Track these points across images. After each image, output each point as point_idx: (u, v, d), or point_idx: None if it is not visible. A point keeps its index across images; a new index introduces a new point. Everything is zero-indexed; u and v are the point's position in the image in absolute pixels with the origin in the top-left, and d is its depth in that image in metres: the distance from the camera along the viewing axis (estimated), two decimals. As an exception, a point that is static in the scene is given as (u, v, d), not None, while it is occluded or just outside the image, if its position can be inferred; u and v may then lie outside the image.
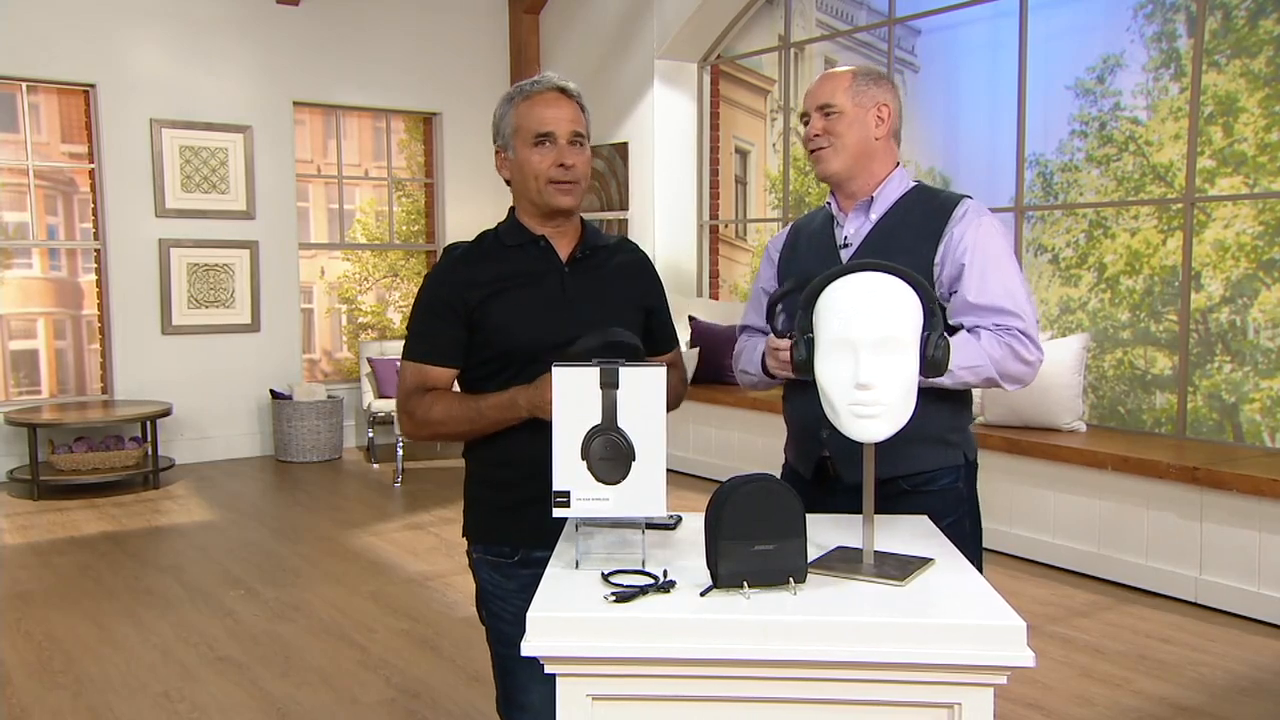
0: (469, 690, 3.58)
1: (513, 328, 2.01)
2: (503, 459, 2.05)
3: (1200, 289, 5.11)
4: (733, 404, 6.57)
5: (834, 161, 2.19)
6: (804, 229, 2.35)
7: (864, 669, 1.49)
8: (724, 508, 1.60)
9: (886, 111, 2.18)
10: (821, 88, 2.20)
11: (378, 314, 8.68)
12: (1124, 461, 4.66)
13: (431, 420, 2.02)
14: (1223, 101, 5.04)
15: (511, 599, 2.06)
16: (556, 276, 2.06)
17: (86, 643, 4.05)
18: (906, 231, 2.16)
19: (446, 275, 2.08)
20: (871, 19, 6.71)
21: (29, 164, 7.04)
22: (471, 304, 2.02)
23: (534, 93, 2.04)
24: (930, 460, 2.14)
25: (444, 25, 8.39)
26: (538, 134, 2.01)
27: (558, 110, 2.03)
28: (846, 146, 2.17)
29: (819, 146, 2.19)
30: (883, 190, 2.20)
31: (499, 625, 2.10)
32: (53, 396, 7.29)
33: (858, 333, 1.67)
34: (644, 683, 1.52)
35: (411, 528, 5.77)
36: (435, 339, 2.05)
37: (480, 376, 2.06)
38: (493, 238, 2.12)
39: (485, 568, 2.12)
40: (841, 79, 2.19)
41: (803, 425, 2.23)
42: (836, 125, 2.17)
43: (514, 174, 2.07)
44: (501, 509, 2.08)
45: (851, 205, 2.23)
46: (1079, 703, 3.48)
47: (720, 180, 7.89)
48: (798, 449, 2.29)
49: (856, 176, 2.20)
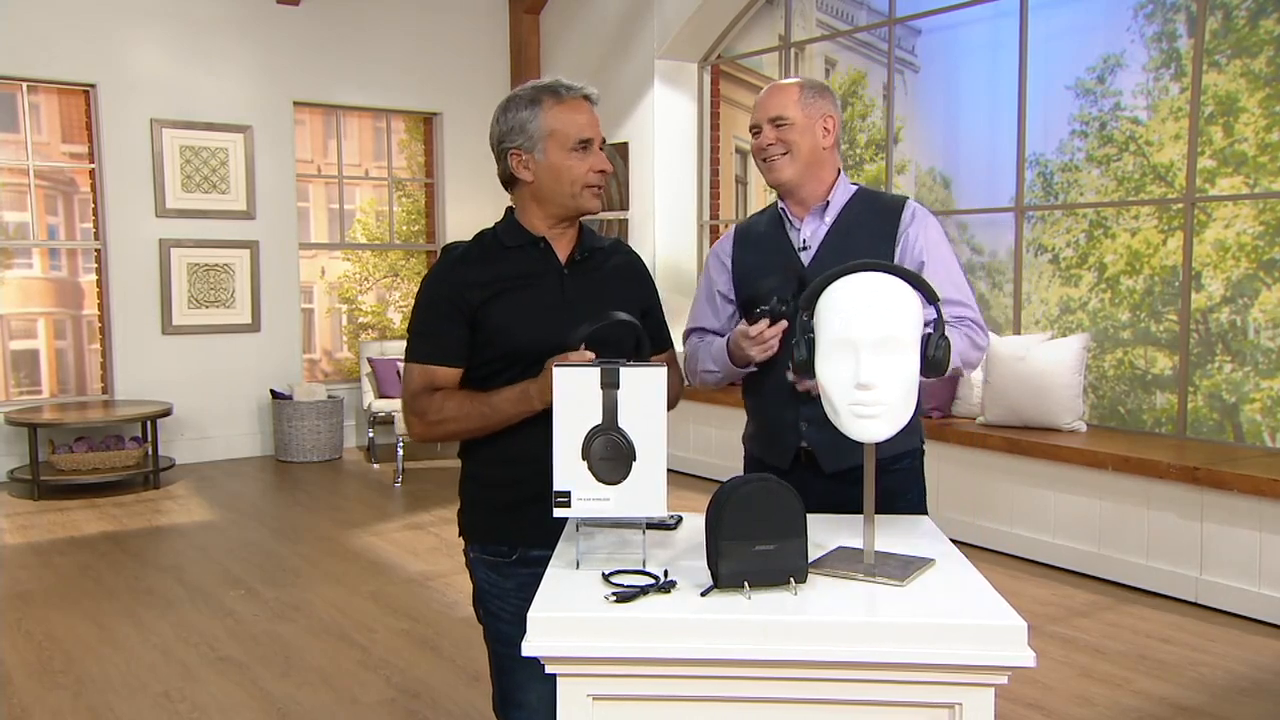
0: (469, 690, 3.58)
1: (514, 329, 2.02)
2: (503, 457, 2.06)
3: (1201, 289, 5.11)
4: (733, 404, 6.57)
5: (787, 169, 2.32)
6: (750, 231, 2.46)
7: (864, 669, 1.49)
8: (725, 508, 1.60)
9: (832, 122, 2.34)
10: (772, 100, 2.33)
11: (378, 314, 8.68)
12: (1124, 461, 4.66)
13: (445, 419, 2.03)
14: (1223, 101, 5.04)
15: (509, 598, 2.06)
16: (556, 278, 2.07)
17: (87, 643, 4.05)
18: (861, 232, 2.31)
19: (447, 275, 2.08)
20: (872, 19, 6.71)
21: (29, 164, 7.04)
22: (474, 304, 2.02)
23: (568, 99, 2.06)
24: (899, 445, 2.23)
25: (444, 25, 8.39)
26: (579, 140, 2.04)
27: (591, 117, 2.07)
28: (799, 155, 2.31)
29: (772, 155, 2.32)
30: (834, 195, 2.35)
31: (496, 624, 2.10)
32: (53, 396, 7.29)
33: (858, 332, 1.67)
34: (644, 683, 1.52)
35: (412, 528, 5.77)
36: (440, 339, 2.05)
37: (483, 376, 2.06)
38: (491, 238, 2.12)
39: (483, 567, 2.12)
40: (791, 91, 2.33)
41: (777, 417, 2.32)
42: (788, 135, 2.30)
43: (542, 177, 2.06)
44: (500, 508, 2.09)
45: (804, 210, 2.36)
46: (1079, 703, 3.48)
47: (720, 180, 7.89)
48: (770, 441, 2.37)
49: (806, 183, 2.34)
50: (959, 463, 5.29)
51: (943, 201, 6.38)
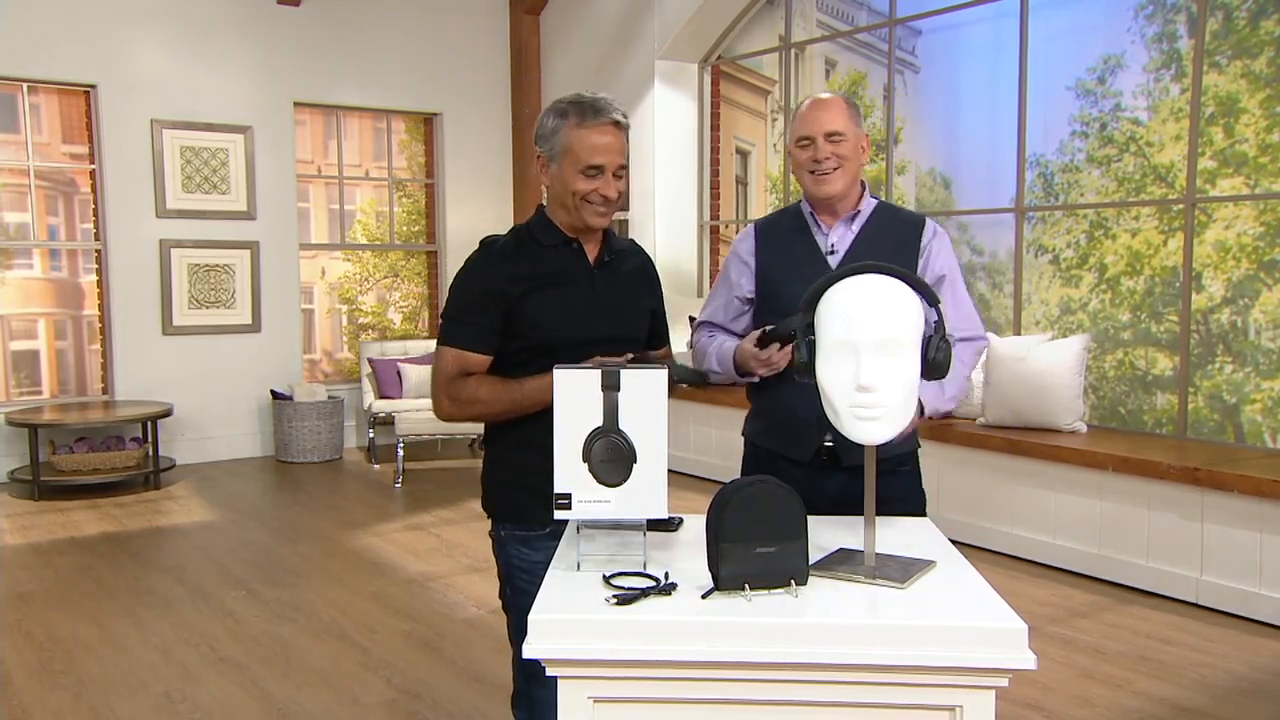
0: (470, 691, 3.58)
1: (546, 324, 2.16)
2: (531, 443, 2.14)
3: (1201, 290, 5.11)
4: (733, 404, 6.57)
5: (839, 182, 2.37)
6: (771, 231, 2.51)
7: (865, 671, 1.49)
8: (725, 510, 1.60)
9: (867, 141, 2.44)
10: (827, 114, 2.38)
11: (378, 314, 8.68)
12: (1125, 462, 4.66)
13: (478, 400, 2.17)
14: (1223, 102, 5.04)
15: (538, 571, 2.11)
16: (586, 278, 2.22)
17: (87, 643, 4.05)
18: (885, 242, 2.38)
19: (490, 268, 2.20)
20: (872, 19, 6.71)
21: (30, 164, 7.04)
22: (512, 297, 2.15)
23: (593, 124, 2.13)
24: (902, 447, 2.32)
25: (444, 25, 8.39)
26: (590, 165, 2.13)
27: (611, 142, 2.14)
28: (850, 170, 2.38)
29: (827, 169, 2.37)
30: (863, 205, 2.44)
31: (522, 600, 2.17)
32: (53, 397, 7.29)
33: (859, 335, 1.67)
34: (645, 685, 1.52)
35: (412, 528, 5.77)
36: (477, 328, 2.18)
37: (513, 364, 2.18)
38: (527, 235, 2.24)
39: (514, 543, 2.23)
40: (842, 107, 2.40)
41: (796, 413, 2.33)
42: (843, 149, 2.36)
43: (554, 186, 2.20)
44: (532, 489, 2.15)
45: (834, 219, 2.44)
46: (1080, 703, 3.48)
47: (721, 180, 7.89)
48: (789, 436, 2.39)
49: (848, 195, 2.42)
50: (959, 463, 5.29)
51: (943, 202, 6.38)
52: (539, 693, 2.13)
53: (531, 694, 2.19)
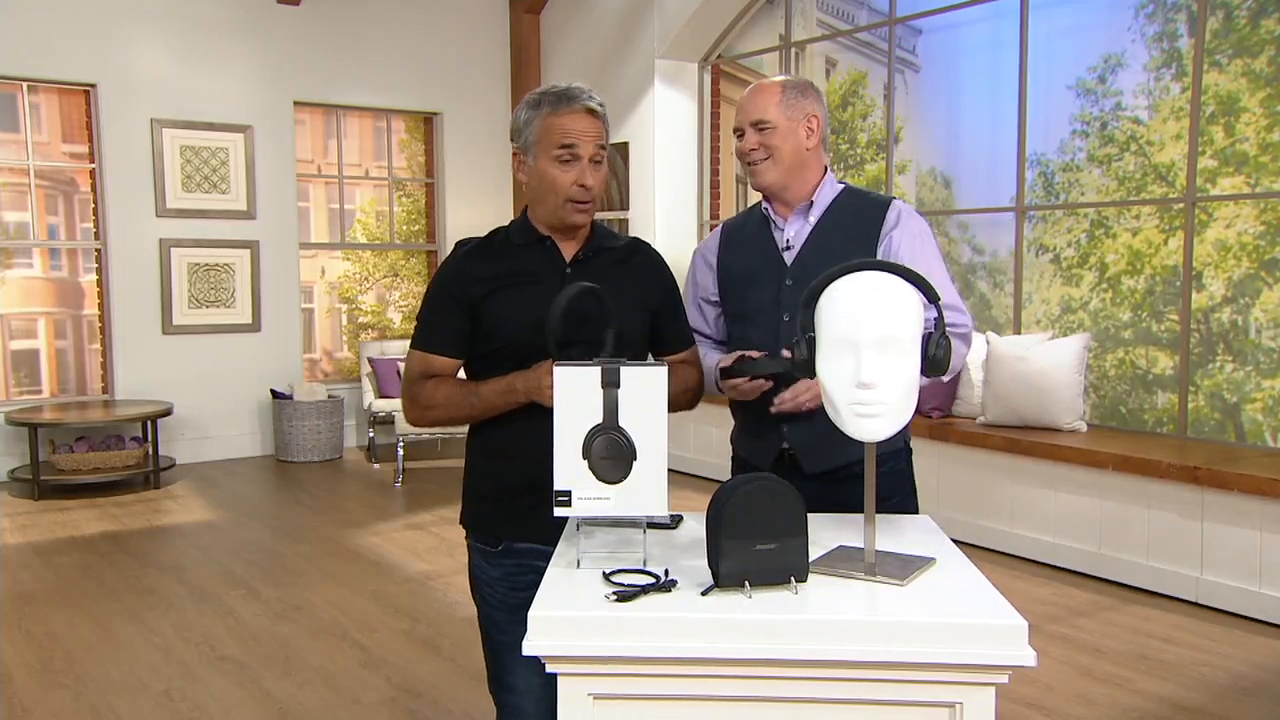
0: (470, 690, 3.57)
1: (507, 325, 2.06)
2: (492, 450, 2.13)
3: (1202, 289, 5.11)
4: (733, 404, 6.57)
5: (770, 173, 2.29)
6: (736, 231, 2.44)
7: (865, 668, 1.49)
8: (726, 506, 1.60)
9: (816, 122, 2.29)
10: (754, 102, 2.28)
11: (378, 314, 8.68)
12: (1125, 461, 4.66)
13: (434, 404, 2.09)
14: (1224, 101, 5.04)
15: (496, 586, 2.14)
16: (558, 277, 2.08)
17: (88, 642, 4.05)
18: (842, 233, 2.28)
19: (454, 269, 2.14)
20: (872, 19, 6.71)
21: (30, 164, 7.04)
22: (474, 298, 2.07)
23: (566, 110, 2.04)
24: (882, 445, 2.20)
25: (444, 25, 8.39)
26: (561, 144, 2.02)
27: (585, 126, 2.04)
28: (782, 159, 2.27)
29: (755, 160, 2.29)
30: (819, 194, 2.31)
31: (487, 610, 2.18)
32: (53, 396, 7.29)
33: (859, 332, 1.67)
34: (645, 682, 1.52)
35: (412, 527, 5.77)
36: (439, 330, 2.12)
37: (483, 368, 2.11)
38: (503, 235, 2.18)
39: (476, 554, 2.20)
40: (772, 93, 2.28)
41: (758, 418, 2.29)
42: (770, 139, 2.26)
43: (532, 182, 2.09)
44: (487, 498, 2.16)
45: (789, 210, 2.33)
46: (1080, 702, 3.48)
47: (721, 180, 7.89)
48: (753, 442, 2.37)
49: (791, 185, 2.30)
50: (959, 463, 5.29)
51: (943, 201, 6.38)
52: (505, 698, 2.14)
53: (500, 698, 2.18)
